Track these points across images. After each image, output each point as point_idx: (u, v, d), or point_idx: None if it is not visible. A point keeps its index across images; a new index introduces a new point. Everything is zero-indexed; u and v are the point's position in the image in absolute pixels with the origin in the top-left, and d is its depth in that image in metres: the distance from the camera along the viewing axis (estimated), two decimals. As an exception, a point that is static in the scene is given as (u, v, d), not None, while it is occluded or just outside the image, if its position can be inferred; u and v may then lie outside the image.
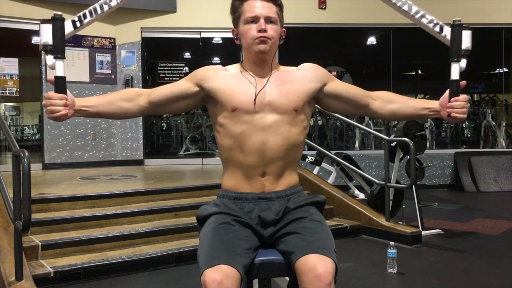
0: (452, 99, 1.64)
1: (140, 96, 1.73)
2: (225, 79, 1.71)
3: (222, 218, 1.63)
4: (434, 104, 1.72)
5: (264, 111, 1.67)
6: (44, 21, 1.56)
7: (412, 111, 1.78)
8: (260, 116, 1.66)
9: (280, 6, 1.72)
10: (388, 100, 1.80)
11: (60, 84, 1.55)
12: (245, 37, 1.68)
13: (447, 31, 1.66)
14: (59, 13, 1.57)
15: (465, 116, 1.65)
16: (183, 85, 1.76)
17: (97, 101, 1.67)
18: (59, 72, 1.55)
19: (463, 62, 1.67)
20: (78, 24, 1.62)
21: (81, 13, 1.63)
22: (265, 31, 1.65)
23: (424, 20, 1.68)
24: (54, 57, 1.55)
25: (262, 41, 1.65)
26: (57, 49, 1.55)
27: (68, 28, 1.60)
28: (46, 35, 1.56)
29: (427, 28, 1.69)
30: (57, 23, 1.55)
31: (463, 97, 1.63)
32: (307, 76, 1.74)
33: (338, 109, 1.85)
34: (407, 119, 1.97)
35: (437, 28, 1.67)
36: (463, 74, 1.62)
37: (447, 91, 1.66)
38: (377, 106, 1.81)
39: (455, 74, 1.64)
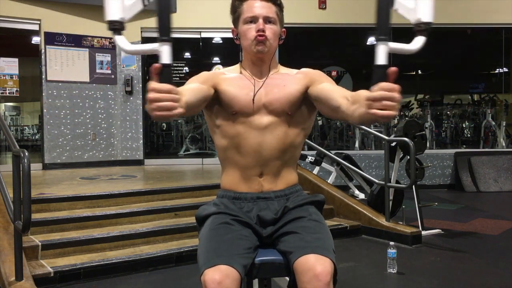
0: (371, 90, 1.18)
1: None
2: (227, 83, 1.70)
3: (222, 218, 1.64)
4: None
5: (260, 113, 1.67)
6: None
7: (359, 112, 1.29)
8: (256, 118, 1.67)
9: (279, 6, 1.72)
10: (355, 100, 1.39)
11: (168, 74, 1.22)
12: (244, 37, 1.69)
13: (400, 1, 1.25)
14: None
15: (386, 113, 1.15)
16: (205, 88, 1.62)
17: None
18: (166, 59, 1.24)
19: (418, 41, 1.26)
20: (146, 1, 1.33)
21: None
22: (263, 31, 1.65)
23: None
24: (160, 40, 1.24)
25: (260, 42, 1.65)
26: (164, 30, 1.24)
27: (138, 5, 1.32)
28: (114, 10, 1.27)
29: None
30: None
31: (381, 85, 1.16)
32: (298, 80, 1.72)
33: (324, 113, 1.65)
34: (360, 123, 1.40)
35: None
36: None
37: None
38: (346, 108, 1.44)
39: (380, 57, 1.24)
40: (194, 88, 1.58)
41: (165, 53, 1.24)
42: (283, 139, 1.68)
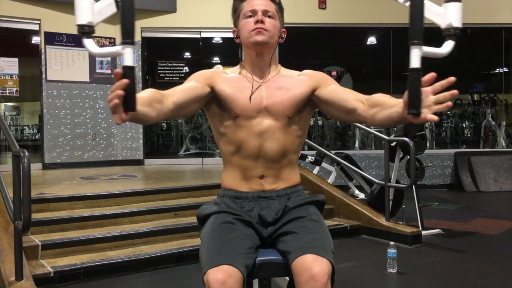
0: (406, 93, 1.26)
1: (163, 98, 1.52)
2: (229, 83, 1.70)
3: (223, 217, 1.64)
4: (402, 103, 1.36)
5: (261, 116, 1.67)
6: None
7: (384, 115, 1.48)
8: (257, 122, 1.66)
9: (279, 5, 1.73)
10: (372, 103, 1.55)
11: (130, 76, 1.22)
12: (243, 30, 1.69)
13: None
14: None
15: (434, 117, 1.25)
16: (199, 87, 1.66)
17: (141, 102, 1.36)
18: (128, 61, 1.25)
19: (447, 45, 1.31)
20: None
21: None
22: (262, 22, 1.65)
23: None
24: (122, 43, 1.25)
25: (259, 32, 1.65)
26: (127, 33, 1.24)
27: (112, 8, 1.31)
28: (85, 14, 1.27)
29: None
30: (126, 0, 1.23)
31: (435, 88, 1.26)
32: (302, 83, 1.72)
33: (332, 115, 1.75)
34: (383, 125, 1.62)
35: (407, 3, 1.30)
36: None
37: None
38: (363, 111, 1.57)
39: (414, 61, 1.25)
40: (186, 87, 1.64)
41: (128, 56, 1.25)
42: (282, 143, 1.68)
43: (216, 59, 8.74)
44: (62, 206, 4.06)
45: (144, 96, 1.44)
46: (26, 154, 2.71)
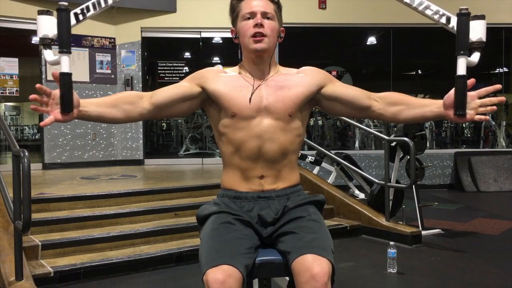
0: (449, 96, 1.52)
1: (141, 99, 1.64)
2: (225, 82, 1.70)
3: (223, 217, 1.63)
4: (438, 103, 1.61)
5: (261, 116, 1.67)
6: (41, 12, 1.46)
7: (415, 113, 1.66)
8: (256, 122, 1.66)
9: (277, 5, 1.73)
10: (391, 102, 1.70)
11: (66, 82, 1.42)
12: (243, 33, 1.69)
13: (454, 22, 1.53)
14: (65, 3, 1.45)
15: (484, 117, 1.55)
16: (186, 86, 1.71)
17: (100, 103, 1.57)
18: (65, 68, 1.43)
19: (475, 56, 1.53)
20: (81, 17, 1.52)
21: (84, 6, 1.53)
22: (261, 25, 1.65)
23: (428, 12, 1.56)
24: (60, 52, 1.44)
25: (258, 41, 1.65)
26: (63, 43, 1.44)
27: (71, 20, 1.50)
28: (44, 27, 1.47)
29: (433, 19, 1.56)
30: (62, 14, 1.44)
31: (481, 93, 1.53)
32: (304, 81, 1.73)
33: (339, 112, 1.80)
34: (411, 122, 1.84)
35: (443, 20, 1.54)
36: (468, 72, 1.49)
37: (453, 89, 1.52)
38: (379, 108, 1.71)
39: (461, 69, 1.48)
40: (171, 88, 1.70)
41: (64, 63, 1.44)
42: (282, 143, 1.68)
43: (216, 59, 8.74)
44: (62, 206, 4.07)
45: (109, 98, 1.60)
46: (26, 154, 2.71)
